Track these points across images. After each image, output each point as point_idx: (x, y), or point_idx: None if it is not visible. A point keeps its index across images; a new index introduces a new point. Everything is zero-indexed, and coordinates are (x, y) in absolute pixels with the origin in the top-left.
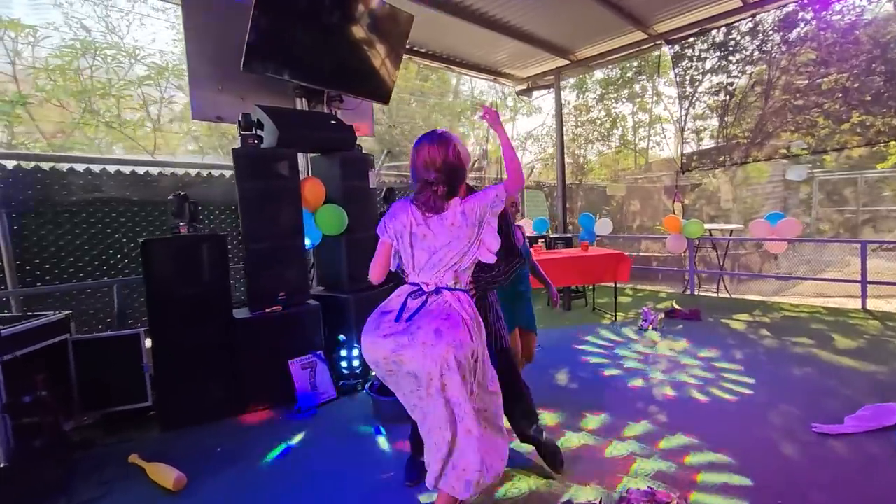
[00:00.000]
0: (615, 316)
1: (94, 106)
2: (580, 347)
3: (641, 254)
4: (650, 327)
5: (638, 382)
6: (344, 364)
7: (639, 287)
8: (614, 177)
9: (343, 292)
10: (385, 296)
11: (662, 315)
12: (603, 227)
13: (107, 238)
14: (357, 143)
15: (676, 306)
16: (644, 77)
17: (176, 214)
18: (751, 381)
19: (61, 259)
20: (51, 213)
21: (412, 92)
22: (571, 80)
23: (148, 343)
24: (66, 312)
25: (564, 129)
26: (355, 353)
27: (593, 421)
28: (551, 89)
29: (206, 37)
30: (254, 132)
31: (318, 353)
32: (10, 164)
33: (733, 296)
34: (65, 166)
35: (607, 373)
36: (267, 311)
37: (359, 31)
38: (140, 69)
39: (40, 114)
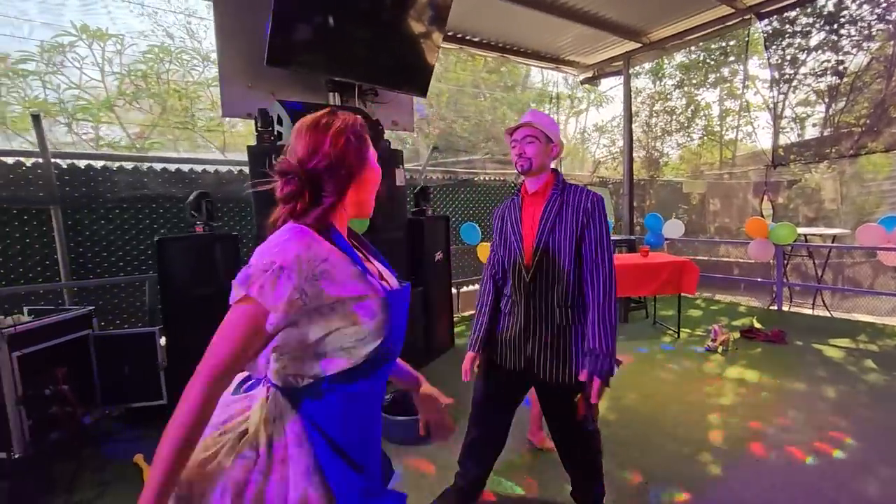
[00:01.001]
0: (678, 332)
1: (170, 107)
2: (630, 368)
3: (722, 259)
4: (718, 348)
5: (689, 419)
6: None
7: (716, 297)
8: (694, 172)
9: None
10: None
11: (736, 335)
12: (673, 229)
13: (153, 234)
14: (384, 138)
15: (756, 325)
16: (733, 58)
17: (193, 212)
18: (844, 431)
19: (111, 253)
20: (102, 209)
21: (478, 84)
22: (647, 65)
23: (163, 341)
24: (90, 308)
25: (637, 119)
26: None
27: (623, 472)
28: (620, 76)
29: (237, 34)
30: (271, 129)
31: None
32: (64, 163)
33: (834, 314)
34: (114, 164)
35: (650, 404)
36: None
37: (390, 19)
38: (212, 71)
39: (126, 116)
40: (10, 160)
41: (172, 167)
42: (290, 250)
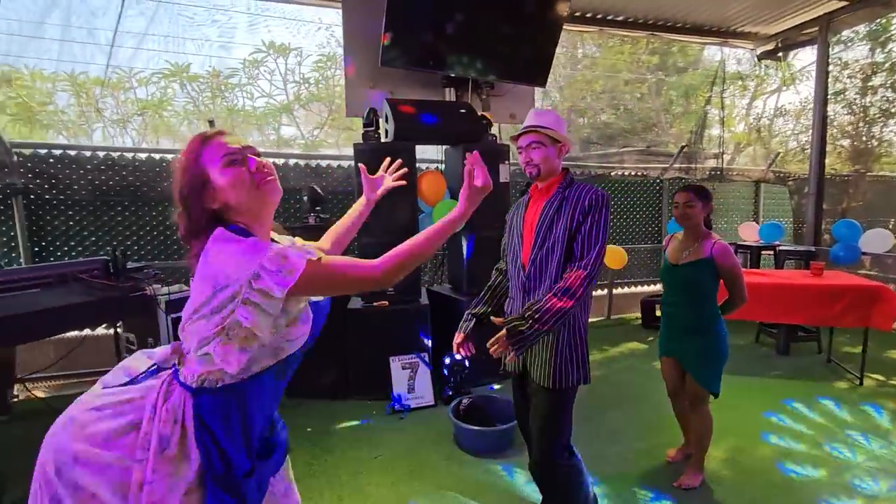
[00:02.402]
0: (860, 378)
1: (337, 107)
2: (773, 421)
3: None
4: None
5: None
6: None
7: None
8: None
9: (461, 294)
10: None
11: None
12: (876, 241)
13: (287, 222)
14: (490, 132)
15: None
16: None
17: (309, 203)
18: None
19: None
20: None
21: (635, 71)
22: (861, 29)
23: None
24: None
25: (841, 99)
26: (466, 362)
27: None
28: (811, 46)
29: (361, 37)
30: (374, 127)
31: (421, 354)
32: None
33: None
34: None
35: (798, 483)
36: (374, 304)
37: (504, 8)
38: None
39: (303, 118)
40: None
41: (314, 163)
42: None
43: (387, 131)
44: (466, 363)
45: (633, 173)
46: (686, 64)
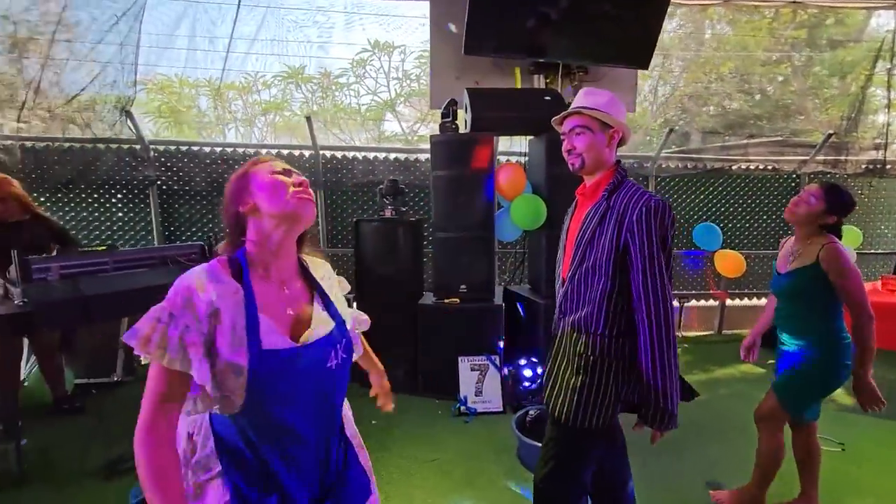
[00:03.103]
0: None
1: None
2: None
3: None
4: None
5: None
6: (523, 376)
7: None
8: None
9: (540, 296)
10: None
11: None
12: None
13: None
14: None
15: None
16: None
17: (385, 197)
18: None
19: (343, 227)
20: (340, 191)
21: (775, 48)
22: None
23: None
24: None
25: None
26: (539, 369)
27: None
28: None
29: (447, 25)
30: (451, 118)
31: (492, 357)
32: (328, 153)
33: None
34: (350, 154)
35: None
36: (445, 301)
37: None
38: None
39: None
40: (296, 153)
41: (402, 156)
42: (174, 293)
43: (465, 122)
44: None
45: (761, 167)
46: (844, 37)
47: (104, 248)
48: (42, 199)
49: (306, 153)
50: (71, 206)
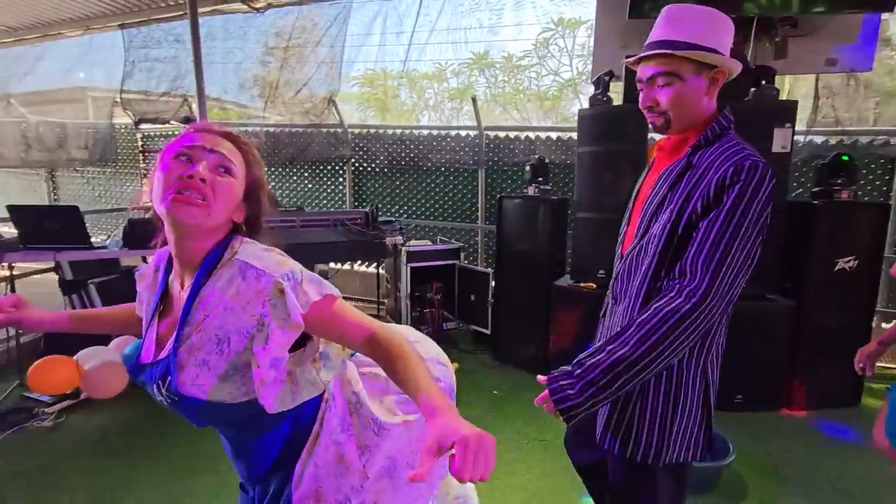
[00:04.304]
0: None
1: None
2: None
3: None
4: None
5: None
6: None
7: None
8: None
9: None
10: None
11: None
12: None
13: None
14: (766, 85)
15: None
16: None
17: (532, 175)
18: None
19: (492, 205)
20: (501, 170)
21: None
22: None
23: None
24: (459, 245)
25: None
26: None
27: None
28: None
29: None
30: (601, 90)
31: None
32: (491, 134)
33: None
34: (512, 134)
35: None
36: (581, 284)
37: None
38: None
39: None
40: (462, 133)
41: (565, 136)
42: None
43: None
44: None
45: None
46: None
47: (294, 209)
48: (275, 173)
49: (472, 133)
50: (294, 178)
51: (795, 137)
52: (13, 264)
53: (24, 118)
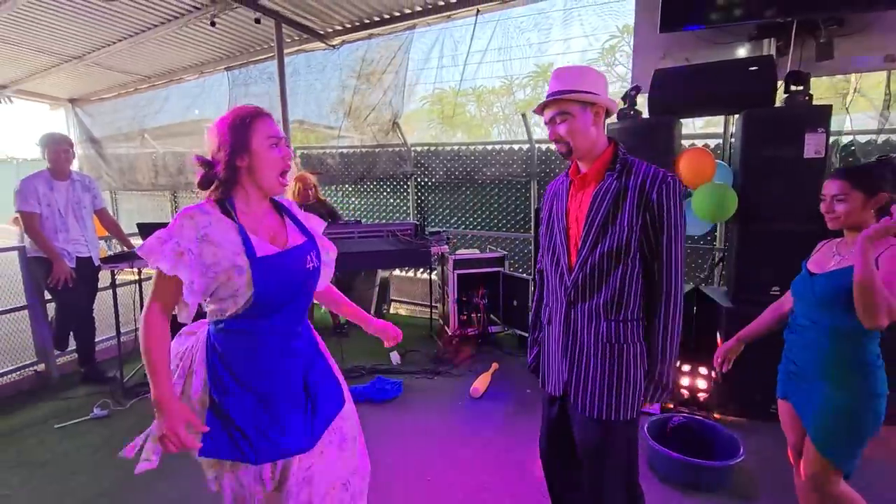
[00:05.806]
0: None
1: None
2: None
3: None
4: None
5: None
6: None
7: None
8: None
9: (726, 299)
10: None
11: None
12: None
13: None
14: (799, 90)
15: None
16: None
17: None
18: None
19: (526, 214)
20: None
21: None
22: None
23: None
24: (503, 253)
25: None
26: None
27: None
28: None
29: (655, 5)
30: (629, 104)
31: None
32: (544, 146)
33: None
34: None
35: None
36: None
37: None
38: None
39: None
40: (515, 147)
41: None
42: (174, 221)
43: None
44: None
45: None
46: None
47: (353, 221)
48: (348, 189)
49: (524, 146)
50: (363, 194)
51: (867, 137)
52: (141, 269)
53: (155, 149)
